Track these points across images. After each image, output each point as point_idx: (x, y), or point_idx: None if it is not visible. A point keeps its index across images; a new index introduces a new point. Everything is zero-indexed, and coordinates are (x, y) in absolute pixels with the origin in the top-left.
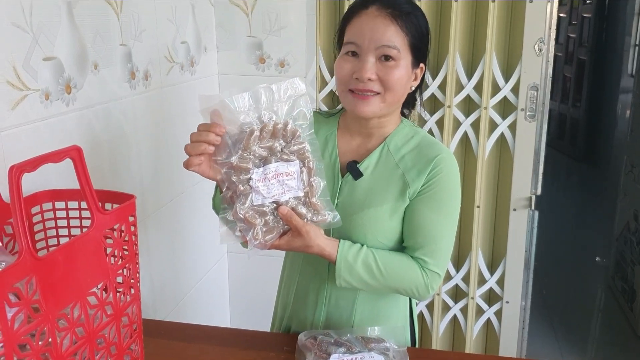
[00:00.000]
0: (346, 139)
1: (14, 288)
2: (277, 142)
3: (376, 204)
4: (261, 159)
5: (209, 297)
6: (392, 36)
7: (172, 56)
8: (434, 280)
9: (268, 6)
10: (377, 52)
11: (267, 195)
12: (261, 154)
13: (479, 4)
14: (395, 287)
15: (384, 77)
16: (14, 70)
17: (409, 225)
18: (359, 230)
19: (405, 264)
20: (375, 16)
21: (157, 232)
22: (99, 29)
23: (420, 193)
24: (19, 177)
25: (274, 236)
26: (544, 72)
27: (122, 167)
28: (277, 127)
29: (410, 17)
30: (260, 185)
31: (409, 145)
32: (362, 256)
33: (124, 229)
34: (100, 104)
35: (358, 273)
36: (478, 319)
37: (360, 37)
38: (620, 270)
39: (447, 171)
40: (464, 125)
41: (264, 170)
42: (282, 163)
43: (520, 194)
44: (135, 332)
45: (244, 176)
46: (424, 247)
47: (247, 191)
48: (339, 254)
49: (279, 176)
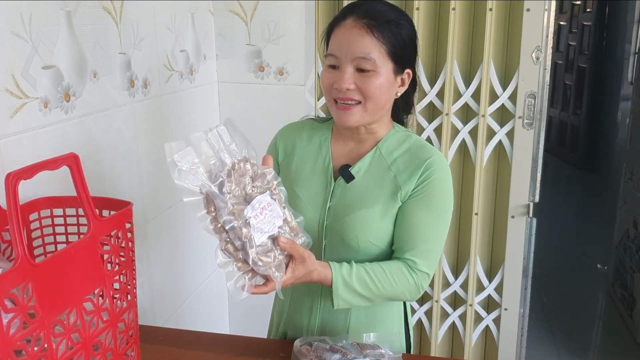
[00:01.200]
0: (339, 144)
1: (10, 294)
2: (247, 179)
3: (367, 206)
4: (243, 199)
5: (208, 304)
6: (366, 47)
7: (171, 64)
8: (424, 280)
9: (267, 15)
10: (353, 63)
11: (264, 230)
12: (240, 193)
13: (477, 12)
14: (389, 295)
15: (362, 86)
16: (13, 78)
17: (401, 227)
18: (350, 231)
19: (394, 270)
20: (351, 27)
21: (156, 239)
22: (98, 38)
23: (413, 195)
24: (15, 184)
25: (284, 268)
26: (542, 80)
27: (121, 174)
28: (241, 164)
29: (388, 25)
30: (257, 222)
31: (401, 148)
32: (355, 271)
33: (120, 235)
34: (100, 112)
35: (355, 289)
36: (477, 326)
37: (338, 49)
38: (619, 278)
39: (438, 174)
40: (462, 132)
41: (252, 206)
42: (260, 196)
43: (518, 202)
44: (131, 338)
45: (242, 219)
46: (415, 248)
47: (249, 233)
48: (334, 274)
49: (264, 209)
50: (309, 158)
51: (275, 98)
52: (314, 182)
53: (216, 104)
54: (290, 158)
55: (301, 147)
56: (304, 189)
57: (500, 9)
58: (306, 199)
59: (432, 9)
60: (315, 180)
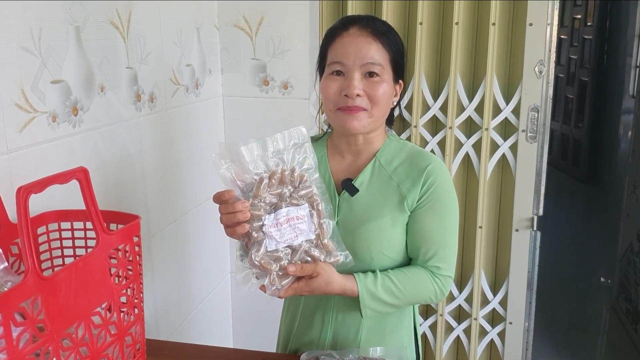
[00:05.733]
0: (337, 159)
1: (19, 308)
2: (285, 188)
3: (376, 217)
4: (272, 206)
5: (213, 318)
6: (375, 53)
7: (177, 78)
8: (447, 283)
9: (272, 30)
10: (362, 69)
11: (280, 240)
12: (271, 200)
13: (480, 26)
14: (415, 301)
15: (371, 92)
16: (23, 93)
17: (415, 237)
18: (362, 244)
19: (417, 275)
20: (357, 35)
21: (161, 252)
22: (105, 53)
23: (420, 205)
24: (26, 198)
25: (290, 280)
26: (545, 94)
27: (127, 187)
28: (284, 173)
29: (388, 35)
30: (273, 231)
31: (399, 157)
32: (380, 281)
33: (128, 249)
34: (107, 126)
35: (381, 298)
36: (481, 340)
37: (345, 56)
38: (624, 291)
39: (440, 179)
40: (465, 146)
41: (276, 215)
42: (292, 207)
43: (522, 215)
44: (138, 352)
45: (257, 223)
46: (436, 255)
47: (261, 238)
48: (359, 285)
49: (290, 220)
50: None
51: (279, 112)
52: None
53: (221, 118)
54: None
55: None
56: None
57: (503, 23)
58: None
59: (435, 23)
60: None
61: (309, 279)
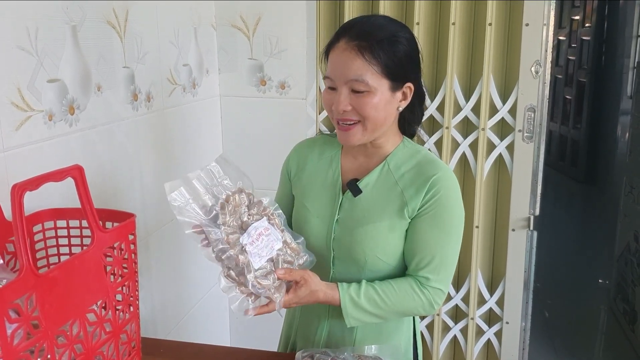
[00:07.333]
0: (349, 158)
1: (14, 304)
2: (242, 208)
3: (374, 220)
4: (239, 227)
5: (210, 316)
6: (358, 70)
7: (174, 78)
8: (437, 295)
9: (269, 30)
10: (347, 85)
11: (262, 254)
12: (236, 223)
13: (476, 27)
14: (402, 312)
15: (358, 107)
16: (19, 91)
17: (411, 244)
18: (357, 245)
19: (403, 287)
20: (343, 50)
21: (158, 251)
22: (102, 52)
23: (420, 213)
24: (21, 196)
25: (284, 289)
26: (541, 94)
27: (124, 186)
28: (235, 195)
29: (380, 45)
30: (253, 248)
31: (409, 163)
32: (364, 290)
33: (123, 247)
34: (103, 125)
35: (364, 307)
36: (478, 340)
37: (332, 72)
38: (621, 292)
39: (445, 190)
40: (462, 146)
41: (248, 234)
42: (256, 222)
43: (518, 215)
44: (133, 350)
45: (238, 246)
46: (428, 265)
47: (246, 259)
48: (341, 293)
49: (261, 235)
50: (320, 172)
51: (276, 112)
52: (323, 195)
53: (218, 118)
54: (301, 173)
55: (313, 161)
56: (313, 202)
57: (500, 23)
58: (315, 212)
59: (432, 24)
60: (324, 194)
61: (297, 288)
